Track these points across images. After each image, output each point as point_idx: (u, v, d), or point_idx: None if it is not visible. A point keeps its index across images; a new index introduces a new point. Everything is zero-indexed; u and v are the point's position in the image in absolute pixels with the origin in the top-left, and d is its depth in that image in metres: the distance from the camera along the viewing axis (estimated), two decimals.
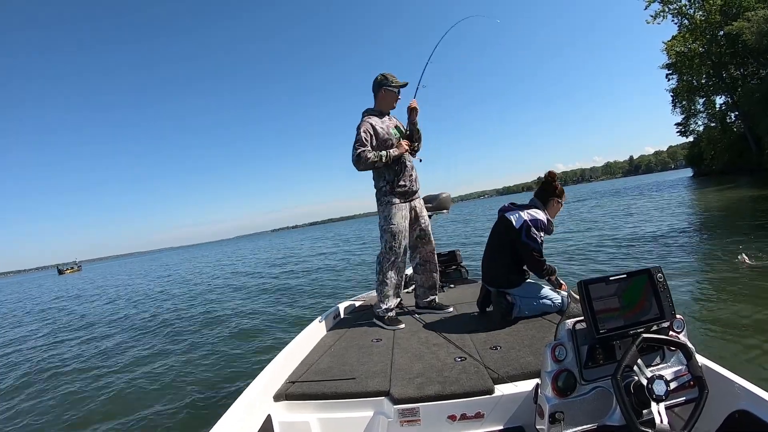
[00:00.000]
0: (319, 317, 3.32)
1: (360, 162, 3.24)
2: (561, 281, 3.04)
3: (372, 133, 3.30)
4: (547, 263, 2.95)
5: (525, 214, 2.89)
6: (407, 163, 3.43)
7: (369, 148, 3.26)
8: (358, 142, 3.25)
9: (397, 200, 3.35)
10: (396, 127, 3.49)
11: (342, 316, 3.66)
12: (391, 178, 3.35)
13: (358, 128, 3.30)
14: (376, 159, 3.24)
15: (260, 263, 22.51)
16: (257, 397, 1.97)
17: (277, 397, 2.08)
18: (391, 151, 3.30)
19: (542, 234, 2.90)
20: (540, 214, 2.92)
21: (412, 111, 3.48)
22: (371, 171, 3.42)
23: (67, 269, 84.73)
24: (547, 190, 3.03)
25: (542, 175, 3.11)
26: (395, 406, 1.90)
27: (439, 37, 4.00)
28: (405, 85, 3.51)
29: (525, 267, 3.04)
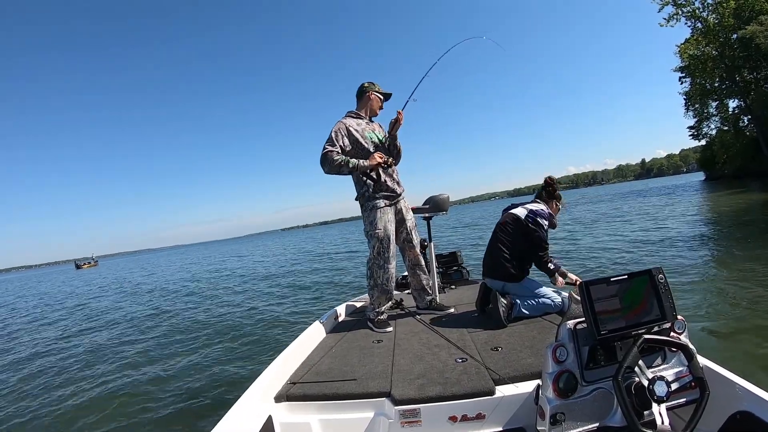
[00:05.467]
0: (320, 318, 3.32)
1: (325, 162, 3.15)
2: (572, 277, 3.05)
3: (344, 134, 3.24)
4: (550, 256, 3.06)
5: (529, 206, 3.12)
6: (390, 166, 3.37)
7: (338, 149, 3.18)
8: (327, 141, 3.19)
9: (381, 203, 3.29)
10: (374, 131, 3.43)
11: (343, 317, 3.67)
12: (373, 182, 3.28)
13: (332, 129, 3.26)
14: (342, 163, 3.15)
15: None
16: (258, 398, 1.98)
17: (278, 398, 2.08)
18: (361, 161, 3.21)
19: (546, 223, 3.05)
20: (542, 206, 3.12)
21: (395, 123, 3.38)
22: (352, 176, 3.34)
23: (84, 264, 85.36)
24: (547, 192, 3.24)
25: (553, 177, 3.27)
26: (396, 407, 1.89)
27: (437, 52, 3.98)
28: (389, 95, 3.55)
29: (526, 265, 3.12)
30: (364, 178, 3.28)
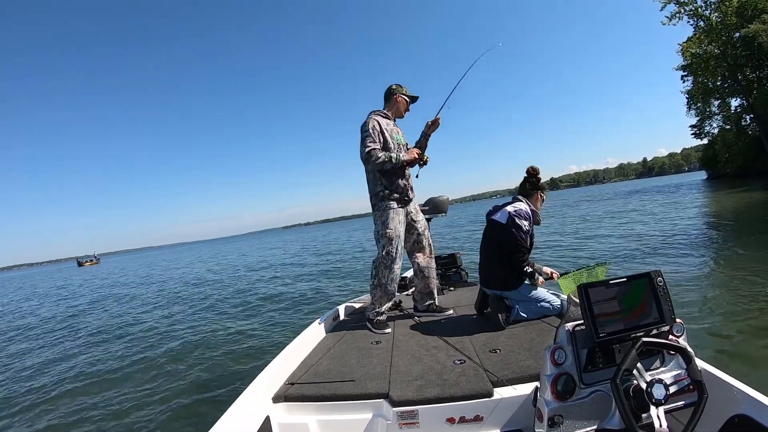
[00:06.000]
0: (319, 319, 3.32)
1: (370, 160, 3.19)
2: (547, 271, 3.05)
3: (379, 130, 3.27)
4: (528, 258, 2.99)
5: (509, 208, 3.02)
6: (405, 168, 3.40)
7: (378, 146, 3.22)
8: (368, 138, 3.21)
9: (394, 204, 3.31)
10: (398, 134, 3.48)
11: (342, 317, 3.67)
12: (388, 183, 3.30)
13: (365, 125, 3.26)
14: (386, 159, 3.18)
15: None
16: (256, 399, 1.98)
17: (276, 399, 2.08)
18: (401, 155, 3.26)
19: (527, 222, 2.97)
20: (522, 205, 3.03)
21: (433, 124, 3.47)
22: (367, 175, 3.37)
23: (86, 262, 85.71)
24: (531, 183, 3.14)
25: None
26: (394, 409, 1.89)
27: (466, 62, 4.00)
28: (416, 98, 3.60)
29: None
30: (382, 179, 3.30)
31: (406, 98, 3.53)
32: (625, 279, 1.46)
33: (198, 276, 19.97)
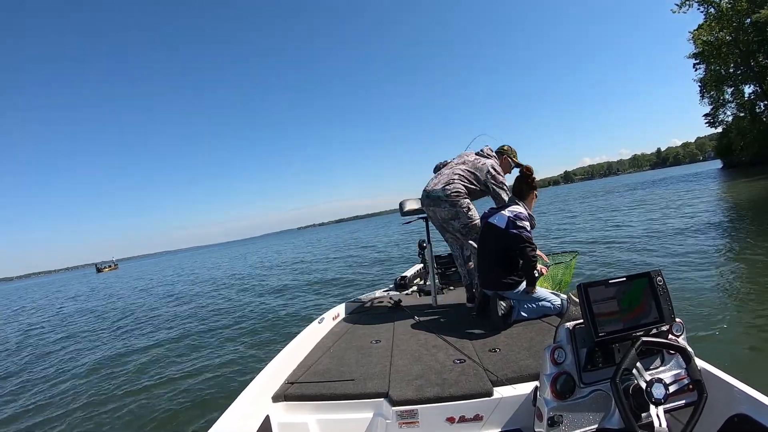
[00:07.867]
0: (319, 318, 3.34)
1: None
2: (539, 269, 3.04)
3: None
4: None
5: (506, 212, 2.96)
6: None
7: None
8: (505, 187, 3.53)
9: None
10: None
11: (341, 317, 3.68)
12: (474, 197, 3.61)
13: (501, 174, 3.56)
14: None
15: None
16: (256, 398, 1.99)
17: (276, 398, 2.09)
18: None
19: (527, 224, 2.93)
20: (519, 208, 2.98)
21: None
22: (462, 165, 3.58)
23: (105, 267, 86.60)
24: (526, 183, 3.11)
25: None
26: (394, 408, 1.89)
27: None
28: (520, 166, 3.77)
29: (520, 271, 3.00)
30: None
31: (512, 162, 3.74)
32: (624, 278, 1.45)
33: (207, 279, 20.18)
